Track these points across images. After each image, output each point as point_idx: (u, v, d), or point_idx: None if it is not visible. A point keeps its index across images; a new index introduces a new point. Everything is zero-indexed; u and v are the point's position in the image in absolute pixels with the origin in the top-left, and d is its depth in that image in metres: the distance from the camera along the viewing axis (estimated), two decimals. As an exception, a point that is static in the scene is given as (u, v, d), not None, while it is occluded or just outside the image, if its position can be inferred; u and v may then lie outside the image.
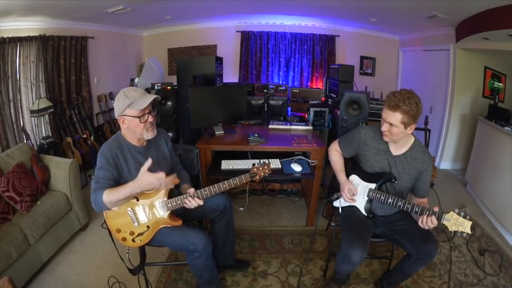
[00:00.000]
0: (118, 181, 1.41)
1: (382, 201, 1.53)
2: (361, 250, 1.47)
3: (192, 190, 1.51)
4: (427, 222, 1.37)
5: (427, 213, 1.38)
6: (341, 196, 1.66)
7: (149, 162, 1.32)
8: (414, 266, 1.59)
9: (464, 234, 1.31)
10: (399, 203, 1.47)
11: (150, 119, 1.44)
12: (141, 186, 1.32)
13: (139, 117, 1.39)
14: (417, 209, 1.41)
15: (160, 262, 2.11)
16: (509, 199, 2.39)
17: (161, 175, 1.32)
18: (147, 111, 1.42)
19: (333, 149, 1.80)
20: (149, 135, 1.47)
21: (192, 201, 1.47)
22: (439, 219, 1.35)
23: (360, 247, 1.48)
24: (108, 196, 1.31)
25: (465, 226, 1.31)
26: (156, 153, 1.58)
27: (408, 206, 1.44)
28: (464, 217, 1.31)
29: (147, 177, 1.31)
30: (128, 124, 1.42)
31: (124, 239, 1.50)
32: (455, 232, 1.32)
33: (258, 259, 2.17)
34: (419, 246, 1.50)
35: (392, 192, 1.61)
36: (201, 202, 1.49)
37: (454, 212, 1.33)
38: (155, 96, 1.45)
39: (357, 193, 1.62)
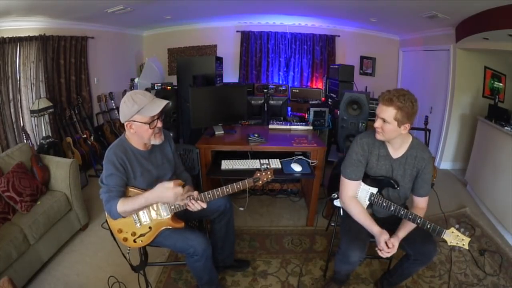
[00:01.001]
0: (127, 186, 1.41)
1: (384, 207, 1.51)
2: (359, 250, 1.47)
3: (195, 193, 1.49)
4: (384, 251, 1.41)
5: (428, 226, 1.39)
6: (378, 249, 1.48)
7: (177, 181, 1.35)
8: (412, 266, 1.60)
9: (462, 249, 1.40)
10: (401, 212, 1.45)
11: (159, 124, 1.42)
12: (158, 199, 1.35)
13: (148, 124, 1.37)
14: (419, 221, 1.41)
15: (160, 262, 2.11)
16: (509, 199, 2.39)
17: (179, 190, 1.32)
18: (156, 117, 1.39)
19: (347, 197, 1.57)
20: (157, 141, 1.45)
21: (195, 204, 1.46)
22: (439, 234, 1.39)
23: (359, 247, 1.47)
24: (123, 206, 1.32)
25: (464, 242, 1.38)
26: (161, 157, 1.57)
27: (410, 216, 1.43)
28: (463, 233, 1.38)
29: (165, 192, 1.32)
30: (135, 129, 1.39)
31: (125, 239, 1.50)
32: (454, 247, 1.40)
33: (258, 259, 2.17)
34: (417, 247, 1.49)
35: (395, 196, 1.59)
36: (204, 205, 1.47)
37: (455, 227, 1.39)
38: (166, 102, 1.40)
39: (395, 247, 1.42)
